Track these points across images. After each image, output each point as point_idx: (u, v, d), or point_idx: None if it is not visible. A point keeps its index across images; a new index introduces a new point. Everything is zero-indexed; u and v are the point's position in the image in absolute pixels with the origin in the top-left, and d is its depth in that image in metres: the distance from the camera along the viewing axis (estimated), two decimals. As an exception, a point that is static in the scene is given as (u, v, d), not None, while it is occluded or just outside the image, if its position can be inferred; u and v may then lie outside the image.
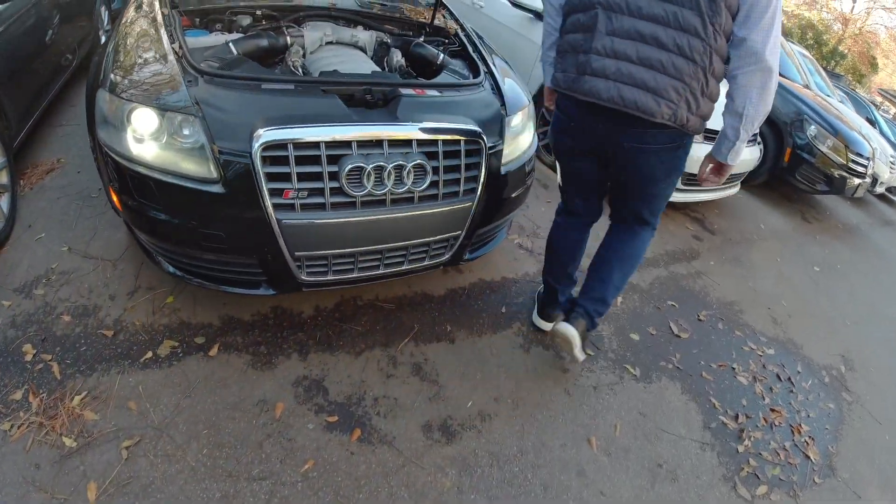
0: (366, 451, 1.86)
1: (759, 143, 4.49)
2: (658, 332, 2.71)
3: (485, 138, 1.97)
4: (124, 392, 1.88)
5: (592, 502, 1.89)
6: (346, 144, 1.75)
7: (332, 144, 1.72)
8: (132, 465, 1.70)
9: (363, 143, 1.77)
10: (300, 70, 2.09)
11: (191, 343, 2.08)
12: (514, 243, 3.03)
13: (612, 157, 1.89)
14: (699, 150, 3.34)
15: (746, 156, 4.01)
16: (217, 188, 1.70)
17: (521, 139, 2.27)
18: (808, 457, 2.33)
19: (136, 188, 1.77)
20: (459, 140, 1.92)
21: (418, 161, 1.83)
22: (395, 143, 1.82)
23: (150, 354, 2.01)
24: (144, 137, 1.71)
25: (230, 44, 2.07)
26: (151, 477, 1.68)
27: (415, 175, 1.85)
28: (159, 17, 2.03)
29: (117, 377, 1.92)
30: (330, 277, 1.99)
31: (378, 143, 1.79)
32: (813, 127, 4.83)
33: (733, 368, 2.66)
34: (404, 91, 1.95)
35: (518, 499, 1.84)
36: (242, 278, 1.99)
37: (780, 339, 3.05)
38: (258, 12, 2.38)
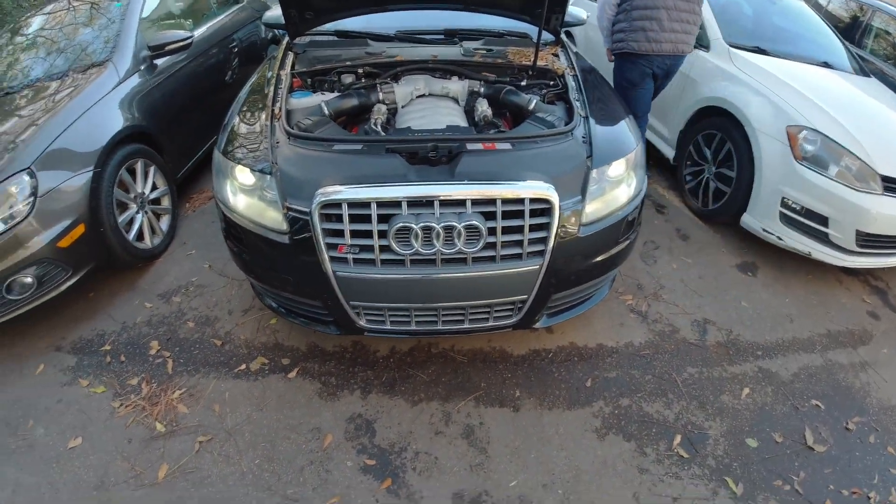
0: (390, 502, 2.00)
1: None
2: (786, 440, 2.28)
3: (555, 196, 1.95)
4: (214, 395, 2.36)
5: None
6: (397, 204, 1.91)
7: (382, 204, 1.90)
8: (199, 458, 2.14)
9: (415, 203, 1.91)
10: (379, 128, 2.32)
11: (277, 363, 2.48)
12: (626, 305, 2.84)
13: (665, 75, 3.51)
14: (887, 206, 2.73)
15: None
16: (285, 239, 2.03)
17: (616, 192, 2.16)
18: None
19: (234, 232, 2.21)
20: (522, 199, 1.94)
21: (471, 222, 1.90)
22: (447, 203, 1.92)
23: (243, 367, 2.47)
24: (240, 191, 2.12)
25: (323, 104, 2.40)
26: (210, 472, 2.09)
27: (467, 236, 1.92)
28: (273, 80, 2.48)
29: (213, 381, 2.41)
30: (388, 327, 2.19)
31: (430, 203, 1.92)
32: None
33: (868, 498, 2.12)
34: (470, 146, 2.03)
35: None
36: (317, 317, 2.30)
37: (943, 460, 2.32)
38: (360, 70, 2.68)
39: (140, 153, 2.98)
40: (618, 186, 2.19)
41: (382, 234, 1.93)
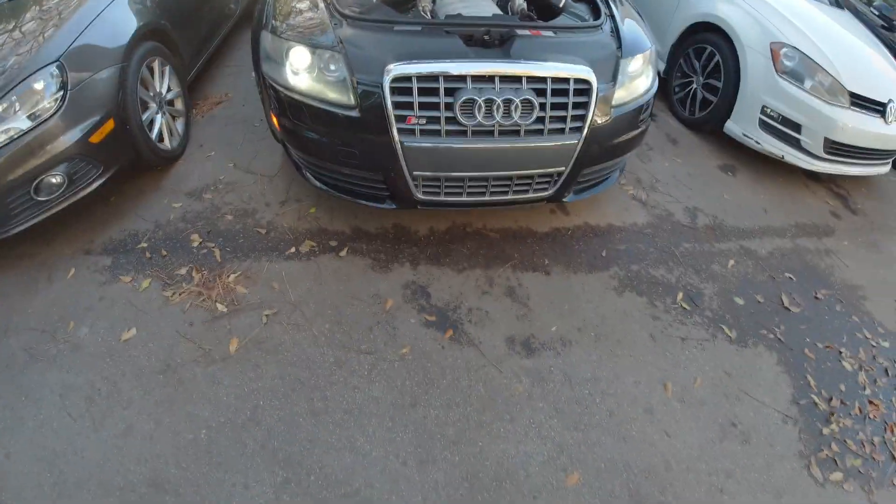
0: (454, 348, 2.35)
1: None
2: (766, 301, 2.83)
3: (594, 79, 2.29)
4: (270, 275, 2.57)
5: (654, 438, 2.18)
6: (462, 79, 2.19)
7: (449, 78, 2.18)
8: (269, 329, 2.37)
9: (477, 79, 2.20)
10: (428, 14, 2.55)
11: (325, 245, 2.73)
12: (628, 194, 3.29)
13: None
14: (851, 119, 3.30)
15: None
16: (354, 113, 2.25)
17: (637, 82, 2.54)
18: (894, 457, 2.35)
19: (291, 112, 2.38)
20: (568, 79, 2.26)
21: (526, 97, 2.21)
22: (506, 80, 2.22)
23: (293, 250, 2.69)
24: (299, 71, 2.30)
25: None
26: (282, 339, 2.33)
27: (522, 109, 2.24)
28: None
29: (266, 264, 2.62)
30: (442, 198, 2.48)
31: (491, 79, 2.21)
32: None
33: (840, 352, 2.70)
34: (520, 32, 2.33)
35: (582, 417, 2.21)
36: (371, 193, 2.55)
37: (899, 335, 2.99)
38: None
39: (157, 52, 3.03)
40: (638, 78, 2.55)
41: (448, 107, 2.20)
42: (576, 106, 2.33)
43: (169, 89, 3.19)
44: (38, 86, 2.43)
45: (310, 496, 1.92)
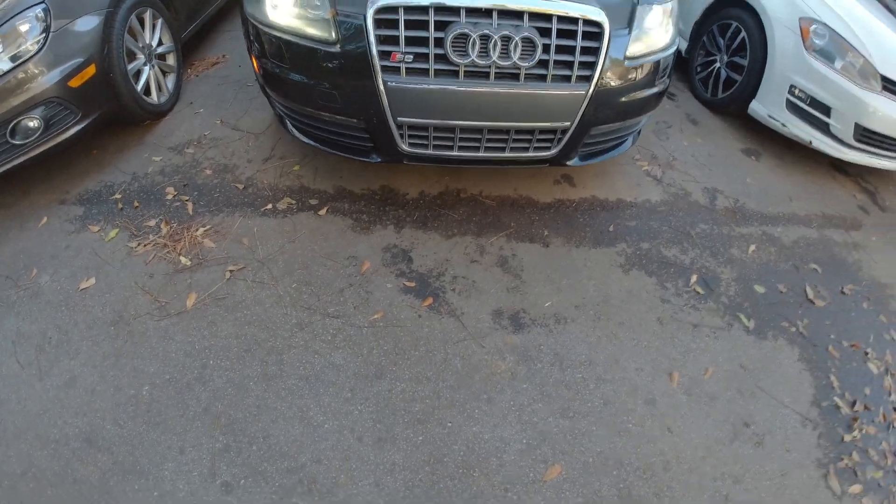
0: (432, 317, 2.01)
1: None
2: (788, 292, 2.42)
3: (606, 21, 1.94)
4: (241, 231, 2.28)
5: (654, 433, 1.82)
6: (455, 12, 1.86)
7: (440, 10, 1.85)
8: (231, 286, 2.08)
9: (472, 12, 1.87)
10: None
11: (305, 203, 2.42)
12: (642, 169, 2.90)
13: None
14: (883, 105, 2.87)
15: None
16: (335, 49, 1.94)
17: (655, 35, 2.18)
18: (921, 472, 1.94)
19: (271, 52, 2.09)
20: (577, 19, 1.92)
21: (527, 35, 1.87)
22: (505, 15, 1.88)
23: (269, 206, 2.39)
24: (279, 4, 2.01)
25: None
26: (244, 297, 2.04)
27: (522, 49, 1.90)
28: None
29: (239, 219, 2.33)
30: (430, 152, 2.14)
31: (488, 13, 1.87)
32: None
33: (866, 353, 2.27)
34: None
35: (572, 403, 1.85)
36: (355, 145, 2.23)
37: (929, 338, 2.55)
38: None
39: (148, 2, 2.78)
40: (657, 30, 2.19)
41: (438, 43, 1.88)
42: (585, 51, 1.97)
43: (161, 43, 2.94)
44: (23, 27, 2.23)
45: (248, 467, 1.61)
